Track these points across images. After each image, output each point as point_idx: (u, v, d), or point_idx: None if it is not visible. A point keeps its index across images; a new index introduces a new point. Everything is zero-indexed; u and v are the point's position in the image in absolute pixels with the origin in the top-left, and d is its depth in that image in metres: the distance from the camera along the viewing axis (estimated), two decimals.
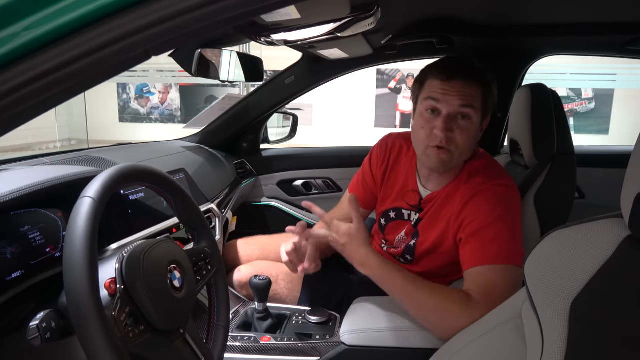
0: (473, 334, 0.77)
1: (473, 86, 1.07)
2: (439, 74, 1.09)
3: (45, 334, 0.66)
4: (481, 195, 1.08)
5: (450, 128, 1.08)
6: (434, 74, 1.10)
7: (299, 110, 2.33)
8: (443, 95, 1.07)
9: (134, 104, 7.19)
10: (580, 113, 5.92)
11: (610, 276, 0.56)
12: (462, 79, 1.07)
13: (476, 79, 1.08)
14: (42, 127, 6.28)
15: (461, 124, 1.08)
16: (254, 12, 0.59)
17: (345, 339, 1.07)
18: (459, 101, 1.07)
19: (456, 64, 1.10)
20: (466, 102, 1.07)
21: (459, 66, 1.09)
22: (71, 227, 0.62)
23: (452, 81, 1.07)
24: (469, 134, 1.09)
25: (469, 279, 1.03)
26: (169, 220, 1.23)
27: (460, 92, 1.06)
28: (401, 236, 1.28)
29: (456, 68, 1.08)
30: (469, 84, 1.07)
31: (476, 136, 1.13)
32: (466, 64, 1.11)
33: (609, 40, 1.69)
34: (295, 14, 0.92)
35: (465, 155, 1.13)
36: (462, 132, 1.08)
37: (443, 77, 1.08)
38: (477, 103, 1.08)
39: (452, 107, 1.07)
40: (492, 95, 1.12)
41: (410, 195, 1.25)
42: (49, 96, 0.47)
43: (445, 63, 1.11)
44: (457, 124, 1.08)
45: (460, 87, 1.07)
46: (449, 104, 1.07)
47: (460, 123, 1.08)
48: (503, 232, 1.03)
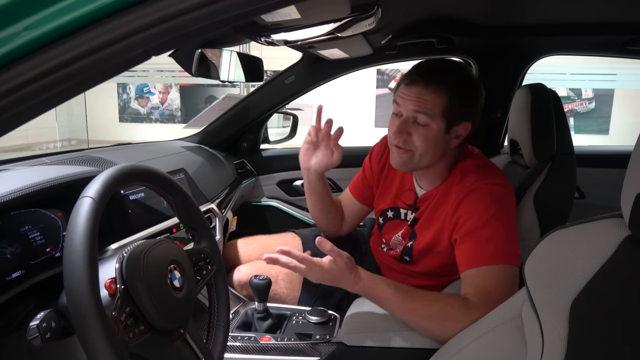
0: (473, 334, 0.77)
1: (432, 92, 1.07)
2: (404, 78, 1.12)
3: (45, 334, 0.66)
4: (475, 194, 1.08)
5: (407, 131, 1.10)
6: (403, 78, 1.13)
7: (299, 110, 2.32)
8: (402, 99, 1.10)
9: (134, 104, 7.18)
10: (580, 113, 5.92)
11: (610, 276, 0.56)
12: (422, 85, 1.07)
13: (437, 86, 1.06)
14: (42, 127, 6.28)
15: (419, 129, 1.09)
16: (254, 12, 0.59)
17: (345, 339, 1.07)
18: (413, 106, 1.08)
19: (422, 69, 1.10)
20: (420, 108, 1.07)
21: (423, 71, 1.09)
22: (71, 227, 0.62)
23: (411, 86, 1.09)
24: (427, 139, 1.09)
25: (466, 280, 1.03)
26: (169, 220, 1.23)
27: (417, 97, 1.08)
28: (397, 238, 1.28)
29: (419, 73, 1.09)
30: (428, 90, 1.07)
31: (440, 142, 1.11)
32: (433, 69, 1.10)
33: (609, 40, 1.69)
34: (295, 14, 0.92)
35: (428, 158, 1.12)
36: (419, 137, 1.09)
37: (406, 81, 1.11)
38: (435, 109, 1.07)
39: (408, 111, 1.09)
40: (461, 103, 1.09)
41: (407, 195, 1.26)
42: (49, 96, 0.47)
43: (414, 67, 1.13)
44: (414, 128, 1.10)
45: (418, 93, 1.08)
46: (405, 108, 1.10)
47: (417, 128, 1.09)
48: (499, 232, 1.03)
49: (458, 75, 1.12)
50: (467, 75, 1.15)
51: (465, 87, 1.11)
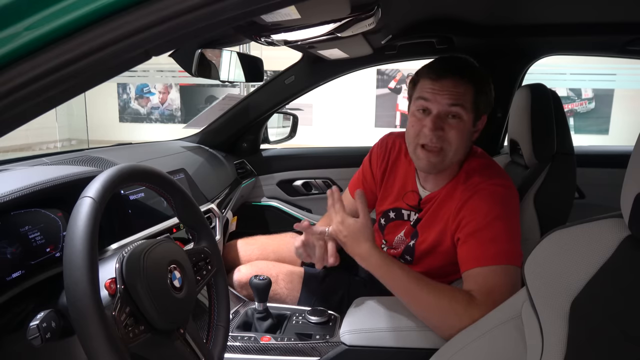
0: (473, 334, 0.77)
1: (463, 85, 1.08)
2: (429, 74, 1.10)
3: (45, 334, 0.66)
4: (479, 195, 1.08)
5: (440, 127, 1.08)
6: (426, 74, 1.11)
7: (299, 110, 2.33)
8: (433, 94, 1.08)
9: (134, 104, 7.18)
10: (580, 113, 5.92)
11: (610, 276, 0.56)
12: (452, 78, 1.07)
13: (466, 78, 1.08)
14: (42, 127, 6.28)
15: (451, 123, 1.09)
16: (254, 12, 0.59)
17: (345, 339, 1.07)
18: (448, 100, 1.07)
19: (447, 64, 1.11)
20: (455, 101, 1.07)
21: (450, 65, 1.10)
22: (71, 227, 0.62)
23: (441, 80, 1.08)
24: (460, 133, 1.09)
25: (469, 279, 1.03)
26: (169, 220, 1.23)
27: (450, 91, 1.07)
28: (400, 237, 1.28)
29: (446, 67, 1.09)
30: (459, 83, 1.07)
31: (469, 136, 1.12)
32: (457, 63, 1.11)
33: (609, 40, 1.69)
34: (295, 14, 0.92)
35: (458, 154, 1.13)
36: (452, 130, 1.08)
37: (433, 76, 1.09)
38: (467, 102, 1.08)
39: (441, 106, 1.08)
40: (484, 95, 1.12)
41: (410, 196, 1.25)
42: (49, 96, 0.47)
43: (437, 63, 1.12)
44: (447, 123, 1.09)
45: (450, 86, 1.07)
46: (438, 103, 1.08)
47: (450, 122, 1.09)
48: (502, 233, 1.03)
49: (477, 69, 1.13)
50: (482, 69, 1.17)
51: (485, 80, 1.13)
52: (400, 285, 1.01)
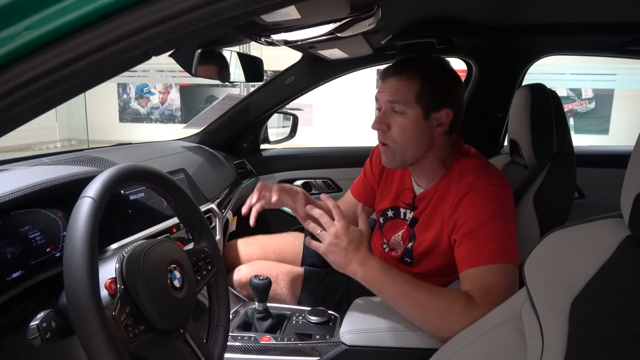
0: (473, 334, 0.77)
1: (404, 81, 1.11)
2: (380, 75, 1.18)
3: (45, 334, 0.66)
4: (473, 194, 1.08)
5: (385, 122, 1.13)
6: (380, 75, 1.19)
7: (299, 110, 2.33)
8: (379, 93, 1.15)
9: (134, 104, 7.19)
10: (580, 113, 5.92)
11: (610, 276, 0.56)
12: (393, 76, 1.13)
13: (408, 74, 1.11)
14: (42, 127, 6.28)
15: (396, 119, 1.12)
16: (254, 12, 0.59)
17: (345, 339, 1.07)
18: (388, 97, 1.12)
19: (395, 64, 1.16)
20: (394, 98, 1.11)
21: (395, 65, 1.15)
22: (71, 227, 0.62)
23: (385, 80, 1.14)
24: (404, 128, 1.11)
25: (466, 280, 1.03)
26: (169, 220, 1.23)
27: (391, 88, 1.12)
28: (397, 238, 1.28)
29: (391, 67, 1.15)
30: (399, 79, 1.11)
31: (420, 130, 1.12)
32: (404, 61, 1.15)
33: (609, 40, 1.69)
34: (295, 14, 0.92)
35: (410, 148, 1.13)
36: (396, 126, 1.12)
37: (381, 76, 1.17)
38: (409, 96, 1.10)
39: (384, 102, 1.14)
40: (434, 88, 1.11)
41: (406, 194, 1.27)
42: (49, 96, 0.47)
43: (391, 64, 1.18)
44: (392, 119, 1.13)
45: (392, 84, 1.12)
46: (382, 100, 1.14)
47: (395, 118, 1.12)
48: (498, 231, 1.03)
49: (428, 63, 1.15)
50: (439, 64, 1.18)
51: (437, 73, 1.14)
52: (399, 288, 1.00)
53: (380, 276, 1.01)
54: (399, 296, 1.01)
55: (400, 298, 1.01)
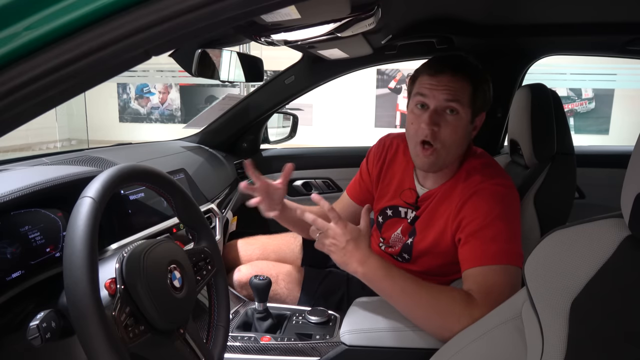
0: (473, 334, 0.77)
1: (460, 81, 1.08)
2: (427, 70, 1.11)
3: (45, 334, 0.66)
4: (480, 194, 1.08)
5: (437, 122, 1.08)
6: (424, 70, 1.12)
7: (299, 110, 2.32)
8: (430, 90, 1.09)
9: (134, 104, 7.19)
10: (580, 113, 5.92)
11: (611, 276, 0.56)
12: (449, 74, 1.08)
13: (464, 74, 1.09)
14: (42, 127, 6.28)
15: (448, 119, 1.09)
16: (254, 12, 0.59)
17: (345, 339, 1.07)
18: (445, 95, 1.08)
19: (445, 60, 1.12)
20: (452, 97, 1.08)
21: (447, 61, 1.10)
22: (71, 227, 0.62)
23: (439, 76, 1.09)
24: (456, 129, 1.09)
25: (469, 279, 1.03)
26: (169, 220, 1.23)
27: (447, 86, 1.07)
28: (397, 234, 1.28)
29: (444, 63, 1.10)
30: (456, 78, 1.08)
31: (465, 133, 1.12)
32: (455, 59, 1.12)
33: (609, 40, 1.69)
34: (295, 14, 0.92)
35: (454, 152, 1.13)
36: (448, 127, 1.09)
37: (431, 72, 1.10)
38: (464, 98, 1.08)
39: (438, 101, 1.08)
40: (482, 92, 1.12)
41: (407, 194, 1.26)
42: (49, 96, 0.47)
43: (435, 59, 1.13)
44: (444, 119, 1.09)
45: (447, 82, 1.08)
46: (435, 98, 1.09)
47: (447, 118, 1.09)
48: (502, 232, 1.03)
49: (477, 67, 1.14)
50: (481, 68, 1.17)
51: (484, 78, 1.13)
52: (399, 287, 1.00)
53: (381, 273, 1.01)
54: (399, 294, 1.01)
55: (400, 296, 1.01)
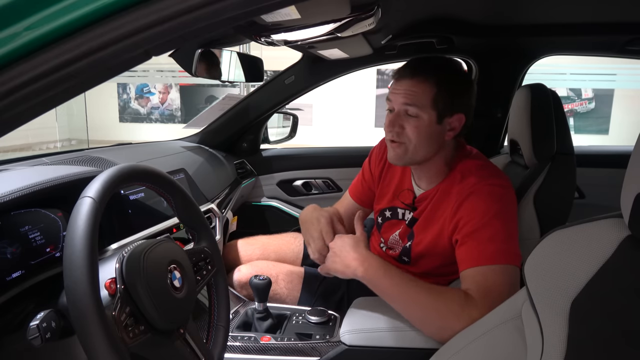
0: (473, 334, 0.77)
1: (420, 84, 1.09)
2: (394, 74, 1.15)
3: (45, 334, 0.66)
4: (476, 195, 1.08)
5: (399, 124, 1.12)
6: (393, 74, 1.16)
7: (299, 110, 2.33)
8: (392, 94, 1.13)
9: (134, 104, 7.19)
10: (580, 113, 5.92)
11: (610, 276, 0.56)
12: (409, 78, 1.10)
13: (424, 77, 1.09)
14: (42, 127, 6.28)
15: (410, 121, 1.11)
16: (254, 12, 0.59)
17: (345, 339, 1.07)
18: (403, 99, 1.11)
19: (410, 64, 1.14)
20: (409, 101, 1.10)
21: (410, 65, 1.13)
22: (71, 227, 0.62)
23: (400, 80, 1.12)
24: (418, 130, 1.11)
25: (467, 279, 1.03)
26: (169, 220, 1.23)
27: (406, 90, 1.10)
28: (395, 238, 1.28)
29: (406, 67, 1.13)
30: (416, 82, 1.09)
31: (432, 134, 1.12)
32: (421, 62, 1.13)
33: (609, 40, 1.69)
34: (295, 14, 0.92)
35: (422, 150, 1.13)
36: (411, 128, 1.11)
37: (395, 76, 1.14)
38: (424, 101, 1.09)
39: (398, 104, 1.12)
40: (449, 94, 1.10)
41: (405, 194, 1.26)
42: (50, 96, 0.47)
43: (405, 63, 1.16)
44: (406, 121, 1.12)
45: (407, 86, 1.10)
46: (396, 102, 1.12)
47: (409, 120, 1.11)
48: (500, 232, 1.03)
49: (445, 67, 1.14)
50: (454, 67, 1.17)
51: (453, 78, 1.13)
52: (398, 286, 1.01)
53: (380, 272, 1.03)
54: (398, 293, 1.01)
55: (400, 295, 1.01)
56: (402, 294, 1.01)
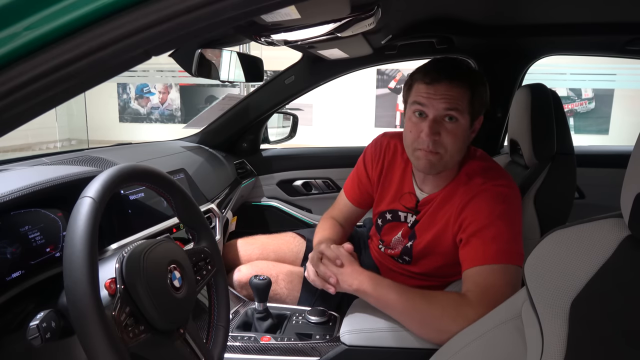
0: (473, 334, 0.77)
1: (458, 88, 1.06)
2: (423, 78, 1.09)
3: (45, 334, 0.66)
4: (481, 196, 1.08)
5: (437, 131, 1.08)
6: (420, 78, 1.10)
7: (299, 110, 2.33)
8: (428, 99, 1.07)
9: (134, 104, 7.18)
10: (580, 113, 5.92)
11: (610, 276, 0.56)
12: (446, 82, 1.06)
13: (461, 81, 1.07)
14: (42, 127, 6.28)
15: (448, 127, 1.08)
16: (254, 12, 0.59)
17: (345, 339, 1.07)
18: (444, 104, 1.06)
19: (441, 67, 1.09)
20: (451, 105, 1.06)
21: (443, 69, 1.08)
22: (71, 227, 0.62)
23: (436, 84, 1.07)
24: (456, 136, 1.09)
25: (468, 279, 1.03)
26: (169, 220, 1.23)
27: (445, 95, 1.06)
28: (398, 237, 1.28)
29: (440, 71, 1.08)
30: (453, 85, 1.06)
31: (466, 138, 1.12)
32: (451, 66, 1.09)
33: (609, 40, 1.69)
34: (295, 14, 0.92)
35: (455, 157, 1.12)
36: (449, 135, 1.08)
37: (427, 80, 1.08)
38: (463, 105, 1.07)
39: (437, 110, 1.07)
40: (480, 96, 1.11)
41: (407, 198, 1.25)
42: (49, 96, 0.47)
43: (431, 66, 1.11)
44: (443, 127, 1.08)
45: (445, 90, 1.06)
46: (434, 107, 1.07)
47: (447, 126, 1.08)
48: (503, 232, 1.03)
49: (472, 70, 1.12)
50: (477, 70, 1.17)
51: (480, 81, 1.12)
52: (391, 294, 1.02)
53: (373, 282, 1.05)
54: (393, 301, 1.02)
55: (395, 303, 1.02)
56: (396, 302, 1.02)
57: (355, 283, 1.06)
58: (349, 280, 1.07)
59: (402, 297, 1.01)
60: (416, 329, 1.01)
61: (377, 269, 1.37)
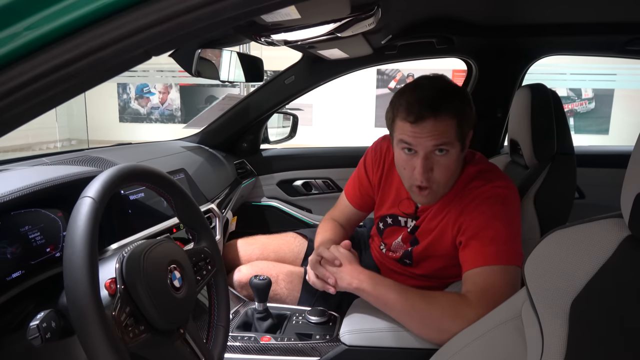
0: (473, 334, 0.77)
1: (444, 121, 1.03)
2: (407, 117, 1.05)
3: (45, 334, 0.66)
4: (480, 198, 1.08)
5: (430, 167, 1.07)
6: (402, 116, 1.06)
7: (299, 110, 2.33)
8: (415, 139, 1.05)
9: (134, 104, 7.18)
10: (580, 113, 5.92)
11: (610, 276, 0.56)
12: (431, 119, 1.02)
13: (446, 113, 1.03)
14: (42, 127, 6.28)
15: (440, 161, 1.06)
16: (254, 12, 0.59)
17: (345, 339, 1.07)
18: (432, 142, 1.04)
19: (423, 101, 1.03)
20: (440, 141, 1.04)
21: (426, 103, 1.03)
22: (71, 227, 0.62)
23: (420, 123, 1.03)
24: (449, 168, 1.08)
25: (467, 280, 1.03)
26: (169, 220, 1.23)
27: (432, 132, 1.03)
28: (398, 242, 1.28)
29: (423, 107, 1.03)
30: (439, 120, 1.02)
31: (459, 163, 1.11)
32: (433, 97, 1.03)
33: (609, 40, 1.69)
34: (295, 14, 0.92)
35: (450, 183, 1.13)
36: (441, 169, 1.07)
37: (411, 119, 1.04)
38: (451, 136, 1.05)
39: (426, 148, 1.05)
40: (467, 119, 1.07)
41: (406, 204, 1.25)
42: (50, 96, 0.47)
43: (413, 100, 1.04)
44: (435, 161, 1.07)
45: (431, 127, 1.03)
46: (423, 146, 1.05)
47: (439, 160, 1.06)
48: (502, 233, 1.03)
49: (453, 92, 1.07)
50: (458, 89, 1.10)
51: (462, 100, 1.08)
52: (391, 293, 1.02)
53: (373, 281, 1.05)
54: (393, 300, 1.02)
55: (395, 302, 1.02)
56: (396, 302, 1.02)
57: (355, 282, 1.06)
58: (348, 279, 1.07)
59: (402, 296, 1.01)
60: (416, 329, 1.01)
61: (377, 269, 1.37)
